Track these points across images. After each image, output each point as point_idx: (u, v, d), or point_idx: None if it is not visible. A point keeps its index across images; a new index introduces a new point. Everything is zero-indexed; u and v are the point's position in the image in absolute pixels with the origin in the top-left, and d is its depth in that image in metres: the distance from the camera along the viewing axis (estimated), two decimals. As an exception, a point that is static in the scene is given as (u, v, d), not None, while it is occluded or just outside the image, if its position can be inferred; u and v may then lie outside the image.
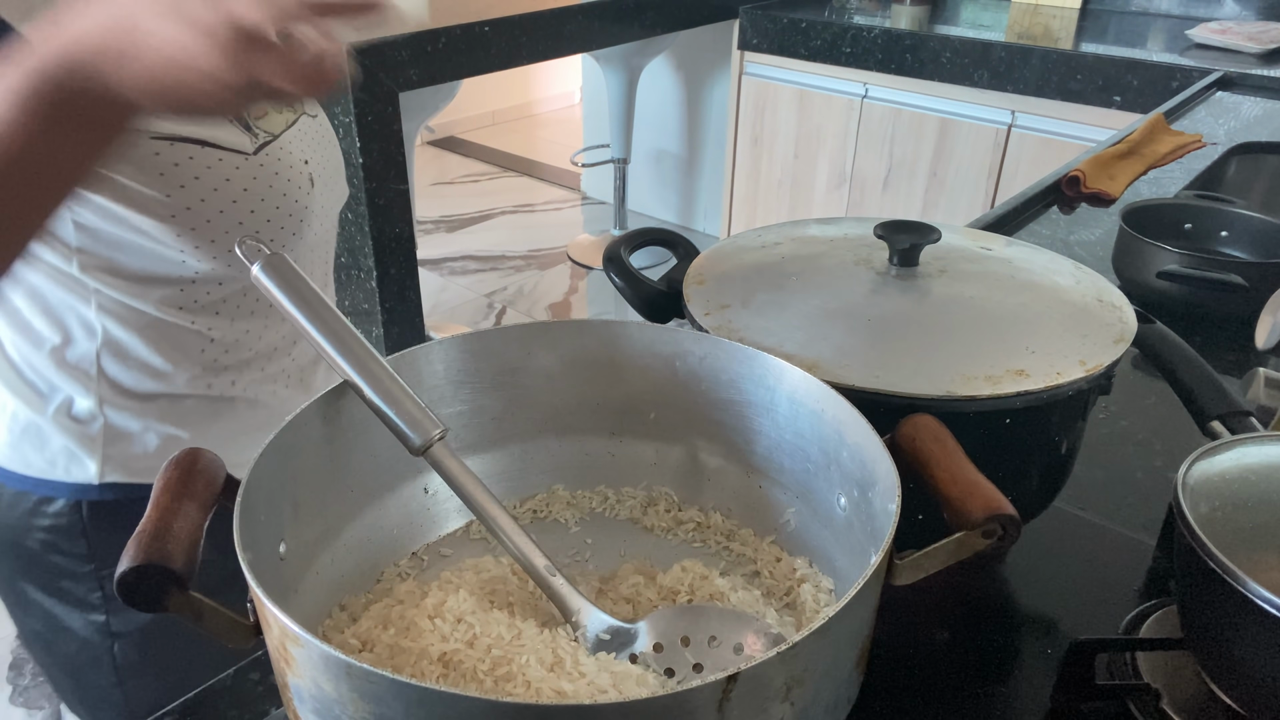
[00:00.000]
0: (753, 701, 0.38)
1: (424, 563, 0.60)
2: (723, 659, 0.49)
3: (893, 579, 0.44)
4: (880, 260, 0.68)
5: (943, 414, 0.51)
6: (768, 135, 2.85)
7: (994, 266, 0.70)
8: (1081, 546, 0.71)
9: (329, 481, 0.54)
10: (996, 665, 0.61)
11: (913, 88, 2.51)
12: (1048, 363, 0.58)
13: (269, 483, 0.47)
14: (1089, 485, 0.76)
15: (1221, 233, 1.13)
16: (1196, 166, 1.49)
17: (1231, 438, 0.57)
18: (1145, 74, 2.14)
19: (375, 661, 0.47)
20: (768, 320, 0.62)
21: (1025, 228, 1.31)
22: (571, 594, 0.51)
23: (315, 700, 0.39)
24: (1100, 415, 0.86)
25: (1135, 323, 0.63)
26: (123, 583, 0.39)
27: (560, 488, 0.65)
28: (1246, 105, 1.85)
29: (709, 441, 0.63)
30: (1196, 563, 0.48)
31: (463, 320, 3.11)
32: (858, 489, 0.52)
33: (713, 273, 0.69)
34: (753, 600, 0.54)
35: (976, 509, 0.44)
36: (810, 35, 2.63)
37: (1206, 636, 0.52)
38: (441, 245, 3.60)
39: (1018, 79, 2.31)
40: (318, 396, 0.52)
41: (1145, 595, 0.66)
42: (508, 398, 0.62)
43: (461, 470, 0.52)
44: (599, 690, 0.44)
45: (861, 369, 0.57)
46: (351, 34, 0.52)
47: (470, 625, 0.49)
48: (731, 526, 0.62)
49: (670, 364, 0.61)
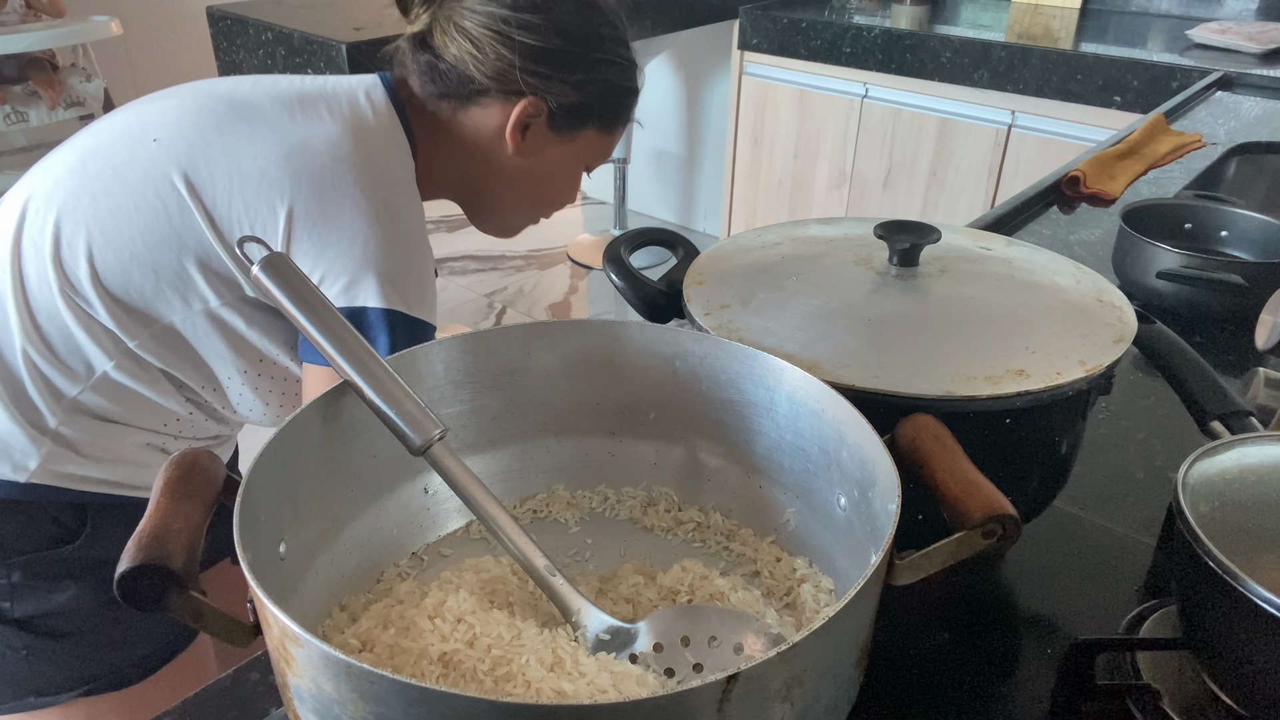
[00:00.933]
0: (753, 701, 0.38)
1: (424, 563, 0.60)
2: (723, 659, 0.49)
3: (893, 579, 0.44)
4: (880, 260, 0.68)
5: (943, 414, 0.51)
6: (768, 135, 2.85)
7: (994, 266, 0.70)
8: (1081, 546, 0.71)
9: (329, 481, 0.54)
10: (996, 665, 0.61)
11: (913, 88, 2.51)
12: (1048, 363, 0.58)
13: (269, 483, 0.47)
14: (1089, 485, 0.76)
15: (1221, 233, 1.13)
16: (1196, 166, 1.49)
17: (1231, 438, 0.57)
18: (1145, 74, 2.14)
19: (375, 661, 0.47)
20: (768, 320, 0.62)
21: (1025, 228, 1.31)
22: (571, 594, 0.51)
23: (315, 700, 0.39)
24: (1100, 415, 0.86)
25: (1135, 323, 0.63)
26: (123, 583, 0.39)
27: (560, 488, 0.65)
28: (1246, 105, 1.85)
29: (709, 441, 0.63)
30: (1196, 563, 0.48)
31: (463, 320, 3.11)
32: (858, 489, 0.52)
33: (713, 273, 0.69)
34: (753, 600, 0.54)
35: (976, 509, 0.44)
36: (810, 35, 2.63)
37: (1206, 636, 0.52)
38: (441, 245, 3.60)
39: (1018, 79, 2.31)
40: (317, 397, 0.52)
41: (1145, 595, 0.66)
42: (508, 398, 0.62)
43: (461, 470, 0.52)
44: (599, 690, 0.44)
45: (861, 369, 0.57)
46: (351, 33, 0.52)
47: (470, 625, 0.49)
48: (731, 526, 0.62)
49: (670, 364, 0.61)
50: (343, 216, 0.78)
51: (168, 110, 0.83)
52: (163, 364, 0.83)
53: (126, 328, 0.80)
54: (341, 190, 0.79)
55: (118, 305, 0.80)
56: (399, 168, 0.85)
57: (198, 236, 0.79)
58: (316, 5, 2.47)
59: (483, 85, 0.88)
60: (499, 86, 0.88)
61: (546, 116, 0.90)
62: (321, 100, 0.85)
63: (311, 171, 0.79)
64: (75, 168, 0.81)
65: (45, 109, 2.86)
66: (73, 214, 0.79)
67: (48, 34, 2.77)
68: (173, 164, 0.79)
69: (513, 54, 0.86)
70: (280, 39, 2.24)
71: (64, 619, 0.86)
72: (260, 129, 0.81)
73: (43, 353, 0.80)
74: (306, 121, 0.82)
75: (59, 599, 0.85)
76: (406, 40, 0.91)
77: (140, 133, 0.82)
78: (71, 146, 0.85)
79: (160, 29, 3.59)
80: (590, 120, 0.93)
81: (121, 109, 0.87)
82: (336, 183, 0.79)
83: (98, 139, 0.83)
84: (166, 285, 0.80)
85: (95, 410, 0.83)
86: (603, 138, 0.96)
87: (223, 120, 0.81)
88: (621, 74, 0.94)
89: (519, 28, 0.85)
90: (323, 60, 2.13)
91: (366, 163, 0.81)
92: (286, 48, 2.23)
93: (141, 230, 0.79)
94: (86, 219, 0.79)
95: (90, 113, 3.00)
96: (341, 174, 0.80)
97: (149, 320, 0.81)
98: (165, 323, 0.81)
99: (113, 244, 0.79)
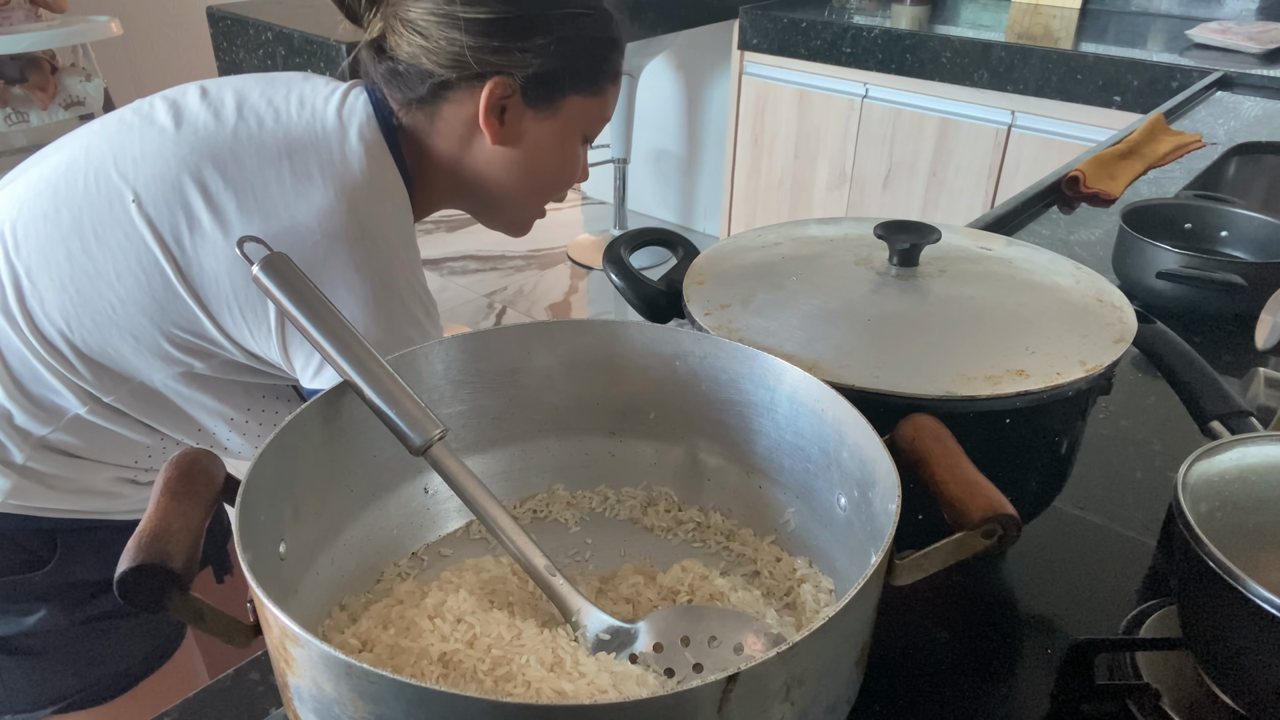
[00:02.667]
0: (753, 701, 0.38)
1: (424, 563, 0.60)
2: (723, 659, 0.49)
3: (893, 579, 0.44)
4: (880, 260, 0.68)
5: (943, 414, 0.51)
6: (768, 135, 2.85)
7: (994, 266, 0.70)
8: (1081, 546, 0.71)
9: (329, 481, 0.54)
10: (996, 665, 0.61)
11: (913, 88, 2.51)
12: (1048, 363, 0.58)
13: (269, 483, 0.47)
14: (1089, 485, 0.76)
15: (1221, 233, 1.13)
16: (1196, 166, 1.49)
17: (1231, 438, 0.57)
18: (1145, 74, 2.14)
19: (375, 661, 0.47)
20: (768, 320, 0.62)
21: (1025, 228, 1.31)
22: (571, 594, 0.51)
23: (315, 700, 0.39)
24: (1100, 415, 0.86)
25: (1135, 323, 0.63)
26: (123, 583, 0.39)
27: (560, 488, 0.65)
28: (1246, 105, 1.85)
29: (709, 441, 0.63)
30: (1196, 563, 0.48)
31: (463, 320, 3.11)
32: (858, 489, 0.52)
33: (713, 273, 0.69)
34: (753, 600, 0.54)
35: (976, 509, 0.44)
36: (810, 35, 2.63)
37: (1206, 636, 0.52)
38: (441, 245, 3.60)
39: (1018, 79, 2.31)
40: (317, 396, 0.52)
41: (1145, 595, 0.66)
42: (508, 398, 0.62)
43: (461, 470, 0.52)
44: (599, 690, 0.44)
45: (861, 369, 0.57)
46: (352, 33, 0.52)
47: (470, 625, 0.49)
48: (731, 526, 0.62)
49: (670, 364, 0.61)
50: (337, 299, 0.74)
51: (147, 155, 0.77)
52: (140, 415, 0.80)
53: (103, 384, 0.77)
54: (335, 271, 0.75)
55: (93, 365, 0.77)
56: (394, 221, 0.80)
57: (182, 310, 0.76)
58: (316, 5, 2.47)
59: (441, 76, 0.81)
60: (459, 74, 0.81)
61: (520, 94, 0.83)
62: (312, 151, 0.78)
63: (304, 254, 0.73)
64: (48, 212, 0.76)
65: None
66: (45, 268, 0.76)
67: (48, 34, 2.76)
68: (153, 236, 0.74)
69: (462, 34, 0.79)
70: (280, 39, 2.24)
71: (35, 639, 0.84)
72: (249, 203, 0.75)
73: (11, 392, 0.77)
74: (297, 190, 0.76)
75: (30, 621, 0.83)
76: (365, 49, 0.86)
77: (117, 184, 0.76)
78: (40, 173, 0.80)
79: (160, 29, 3.59)
80: (568, 86, 0.85)
81: (91, 129, 0.82)
82: (330, 261, 0.75)
83: (70, 176, 0.78)
84: (147, 350, 0.77)
85: (65, 448, 0.80)
86: (591, 100, 0.88)
87: (208, 187, 0.75)
88: (591, 25, 0.85)
89: (463, 4, 0.79)
90: (323, 60, 2.13)
91: (360, 235, 0.76)
92: (286, 48, 2.23)
93: (122, 298, 0.75)
94: (61, 277, 0.75)
95: (90, 112, 3.00)
96: (334, 251, 0.75)
97: (126, 379, 0.78)
98: (143, 380, 0.78)
99: (90, 307, 0.75)
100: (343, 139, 0.79)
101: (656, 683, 0.47)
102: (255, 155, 0.77)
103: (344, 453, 0.55)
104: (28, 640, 0.84)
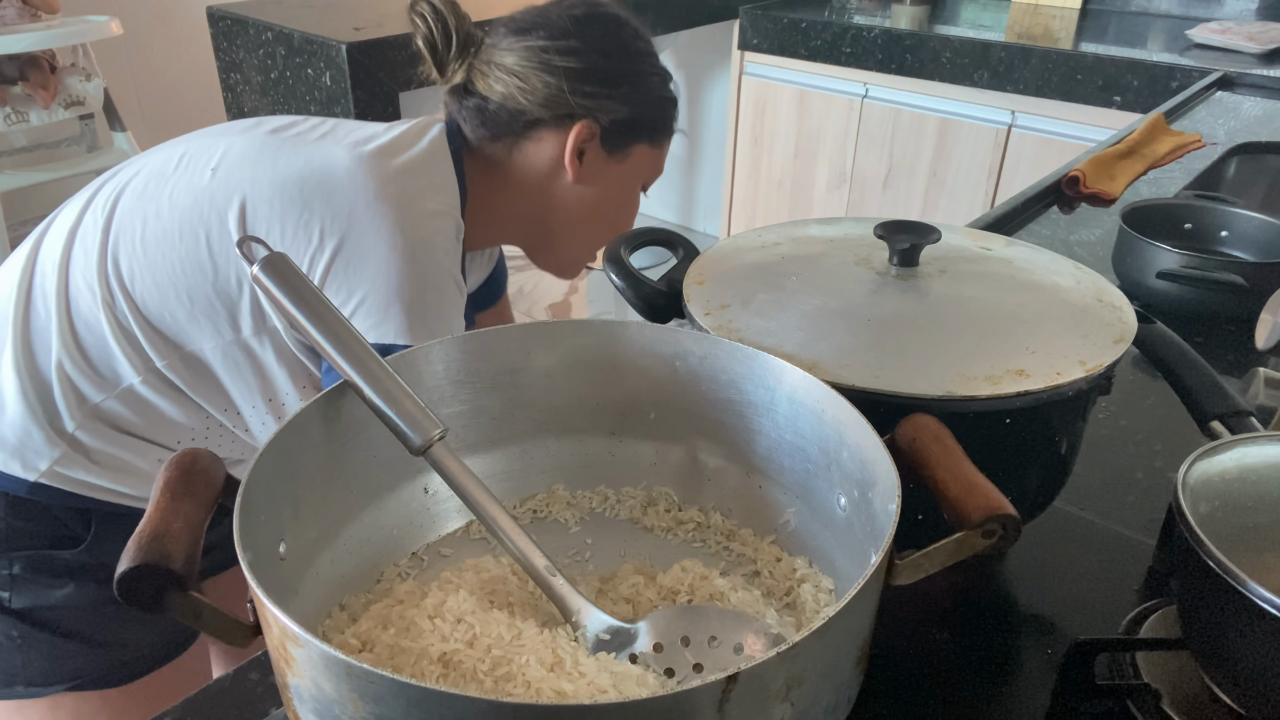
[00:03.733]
0: (753, 701, 0.38)
1: (424, 563, 0.60)
2: (723, 659, 0.49)
3: (893, 579, 0.44)
4: (880, 260, 0.68)
5: (943, 414, 0.51)
6: (768, 135, 2.85)
7: (994, 266, 0.70)
8: (1081, 546, 0.71)
9: (329, 481, 0.54)
10: (996, 665, 0.61)
11: (913, 88, 2.51)
12: (1048, 363, 0.58)
13: (269, 483, 0.47)
14: (1089, 485, 0.76)
15: (1221, 233, 1.13)
16: (1196, 166, 1.49)
17: (1231, 438, 0.57)
18: (1145, 74, 2.14)
19: (375, 661, 0.47)
20: (768, 320, 0.62)
21: (1025, 228, 1.31)
22: (571, 594, 0.51)
23: (315, 700, 0.39)
24: (1100, 415, 0.86)
25: (1135, 323, 0.63)
26: (122, 583, 0.39)
27: (560, 488, 0.65)
28: (1246, 105, 1.85)
29: (709, 441, 0.63)
30: (1196, 563, 0.48)
31: (463, 320, 3.10)
32: (858, 489, 0.52)
33: (713, 273, 0.69)
34: (753, 600, 0.54)
35: (976, 509, 0.44)
36: (810, 35, 2.63)
37: (1206, 636, 0.52)
38: (441, 245, 3.60)
39: (1018, 79, 2.31)
40: (317, 396, 0.52)
41: (1145, 595, 0.66)
42: (508, 398, 0.62)
43: (461, 470, 0.52)
44: (599, 690, 0.44)
45: (861, 369, 0.57)
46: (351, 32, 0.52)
47: (470, 625, 0.49)
48: (731, 526, 0.62)
49: (670, 364, 0.61)
50: (376, 254, 0.79)
51: (234, 146, 0.85)
52: (187, 386, 0.84)
53: (157, 348, 0.82)
54: (379, 225, 0.80)
55: (150, 328, 0.81)
56: (440, 199, 0.86)
57: (234, 264, 0.80)
58: (316, 5, 2.47)
59: (535, 115, 0.91)
60: (551, 113, 0.91)
61: (600, 138, 0.93)
62: (378, 139, 0.87)
63: (346, 202, 0.80)
64: (141, 187, 0.84)
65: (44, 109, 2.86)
66: (126, 233, 0.82)
67: (48, 34, 2.76)
68: (222, 194, 0.81)
69: (558, 79, 0.89)
70: (280, 39, 2.24)
71: (60, 614, 0.87)
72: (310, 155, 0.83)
73: (75, 357, 0.81)
74: (353, 157, 0.83)
75: (57, 595, 0.86)
76: (447, 94, 0.95)
77: (204, 161, 0.84)
78: (163, 153, 0.87)
79: (160, 29, 3.59)
80: (641, 135, 0.96)
81: (210, 132, 0.90)
82: (374, 218, 0.80)
83: (167, 160, 0.85)
84: (200, 313, 0.81)
85: (114, 420, 0.83)
86: (654, 151, 0.99)
87: (281, 150, 0.84)
88: (660, 84, 0.96)
89: (558, 54, 0.89)
90: (323, 60, 2.13)
91: (408, 203, 0.82)
92: (286, 48, 2.23)
93: (181, 257, 0.80)
94: (134, 240, 0.81)
95: (90, 112, 3.00)
96: (380, 211, 0.80)
97: (178, 345, 0.82)
98: (194, 349, 0.82)
99: (153, 266, 0.81)
100: (412, 140, 0.89)
101: (656, 683, 0.47)
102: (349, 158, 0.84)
103: (344, 453, 0.55)
104: (53, 614, 0.87)
